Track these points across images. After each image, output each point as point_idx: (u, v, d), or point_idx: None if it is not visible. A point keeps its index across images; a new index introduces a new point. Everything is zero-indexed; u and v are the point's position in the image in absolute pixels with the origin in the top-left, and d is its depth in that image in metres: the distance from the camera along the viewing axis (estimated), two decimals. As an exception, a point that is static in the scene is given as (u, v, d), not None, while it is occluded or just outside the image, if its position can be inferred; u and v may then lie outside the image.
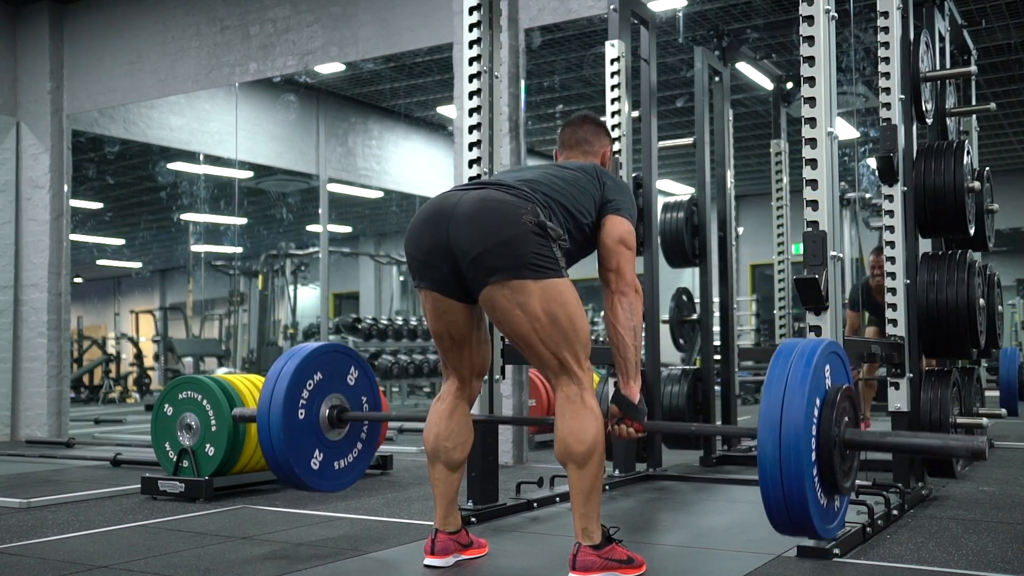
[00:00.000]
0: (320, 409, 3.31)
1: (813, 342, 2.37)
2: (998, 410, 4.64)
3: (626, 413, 2.76)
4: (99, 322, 18.47)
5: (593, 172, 2.83)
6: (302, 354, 3.27)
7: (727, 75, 5.98)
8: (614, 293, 2.72)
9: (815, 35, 3.22)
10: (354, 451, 3.43)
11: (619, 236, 2.74)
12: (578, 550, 2.59)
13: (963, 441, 2.31)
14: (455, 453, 2.88)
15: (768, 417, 2.24)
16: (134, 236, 15.64)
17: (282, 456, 3.16)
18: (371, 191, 11.80)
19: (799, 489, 2.21)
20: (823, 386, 2.33)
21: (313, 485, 3.28)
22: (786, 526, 2.30)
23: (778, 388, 2.27)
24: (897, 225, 4.03)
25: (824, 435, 2.29)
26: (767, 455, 2.23)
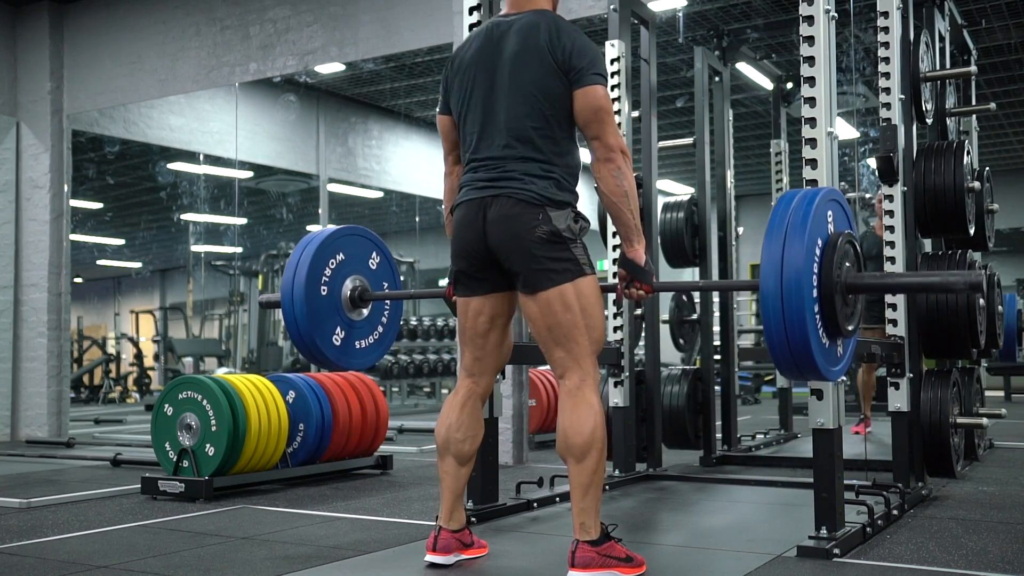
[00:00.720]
0: (342, 288, 3.36)
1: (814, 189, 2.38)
2: (998, 410, 4.63)
3: (633, 275, 2.77)
4: (99, 322, 18.48)
5: (546, 48, 2.69)
6: (324, 234, 3.34)
7: (727, 75, 5.98)
8: (600, 161, 2.69)
9: (815, 35, 3.22)
10: (375, 332, 3.49)
11: (593, 106, 2.69)
12: (576, 546, 2.60)
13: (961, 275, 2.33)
14: (465, 446, 2.89)
15: (770, 259, 2.25)
16: (134, 236, 15.64)
17: (305, 330, 3.21)
18: (371, 191, 11.81)
19: (801, 329, 2.22)
20: (825, 230, 2.34)
21: (335, 360, 3.33)
22: (791, 367, 2.30)
23: (779, 231, 2.27)
24: (897, 225, 4.03)
25: (826, 277, 2.29)
26: (769, 295, 2.23)
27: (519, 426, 5.66)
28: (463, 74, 2.86)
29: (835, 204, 2.43)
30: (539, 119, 2.72)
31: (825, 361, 2.30)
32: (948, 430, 4.09)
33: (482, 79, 2.81)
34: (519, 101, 2.74)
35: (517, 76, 2.75)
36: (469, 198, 2.78)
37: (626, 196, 2.68)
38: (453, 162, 2.99)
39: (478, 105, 2.81)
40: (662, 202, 5.43)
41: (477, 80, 2.82)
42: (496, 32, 2.83)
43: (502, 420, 5.35)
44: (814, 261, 2.26)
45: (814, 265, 2.26)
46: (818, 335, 2.26)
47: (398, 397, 11.71)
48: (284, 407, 4.74)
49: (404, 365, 10.89)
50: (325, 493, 4.54)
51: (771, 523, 3.75)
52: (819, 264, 2.28)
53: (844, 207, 2.51)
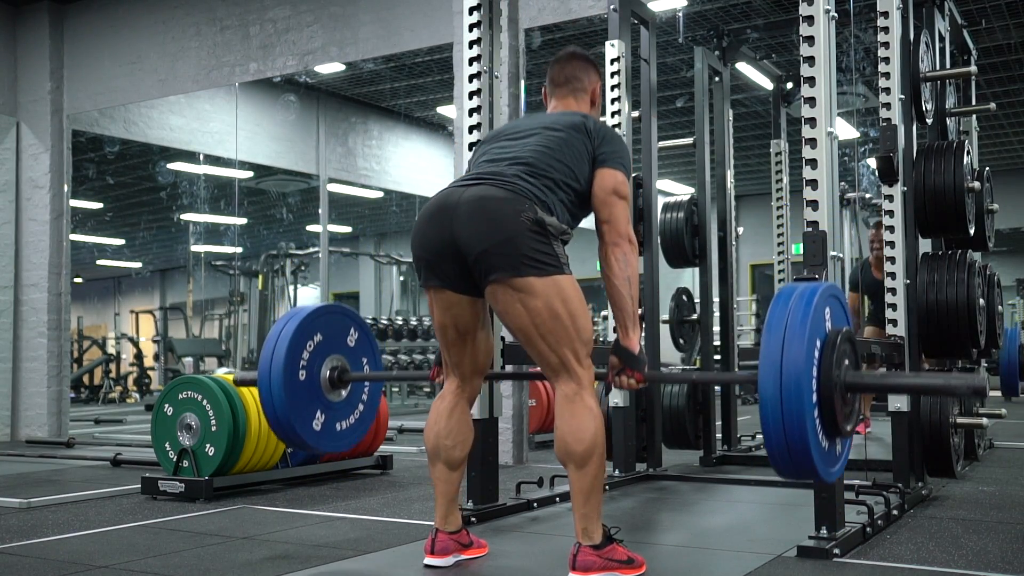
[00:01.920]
0: (321, 370, 3.29)
1: (812, 284, 2.38)
2: (998, 410, 4.63)
3: (626, 363, 2.74)
4: (99, 322, 18.48)
5: (582, 128, 2.80)
6: (301, 315, 3.26)
7: (727, 75, 5.98)
8: (607, 244, 2.70)
9: (815, 35, 3.22)
10: (355, 413, 3.42)
11: (611, 187, 2.73)
12: (578, 550, 2.59)
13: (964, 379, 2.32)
14: (455, 452, 2.88)
15: (769, 359, 2.24)
16: (134, 236, 15.64)
17: (284, 417, 3.14)
18: (371, 191, 11.80)
19: (800, 431, 2.21)
20: (823, 328, 2.33)
21: (315, 445, 3.27)
22: (789, 469, 2.30)
23: (778, 330, 2.26)
24: (897, 225, 4.03)
25: (825, 377, 2.28)
26: (768, 397, 2.23)
27: (519, 426, 5.66)
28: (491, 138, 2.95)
29: (833, 300, 2.42)
30: (555, 171, 2.71)
31: (824, 463, 2.30)
32: (948, 430, 4.09)
33: (505, 132, 2.89)
34: (542, 148, 2.75)
35: (549, 131, 2.80)
36: (443, 189, 2.76)
37: (628, 283, 2.68)
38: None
39: (494, 148, 2.84)
40: (662, 202, 5.43)
41: (500, 134, 2.91)
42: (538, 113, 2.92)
43: (502, 420, 5.35)
44: (813, 364, 2.25)
45: (813, 368, 2.25)
46: (817, 438, 2.26)
47: (398, 397, 11.71)
48: (284, 407, 4.73)
49: (404, 365, 10.89)
50: (325, 493, 4.54)
51: (771, 523, 3.75)
52: (818, 365, 2.27)
53: (842, 302, 2.51)
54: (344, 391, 3.35)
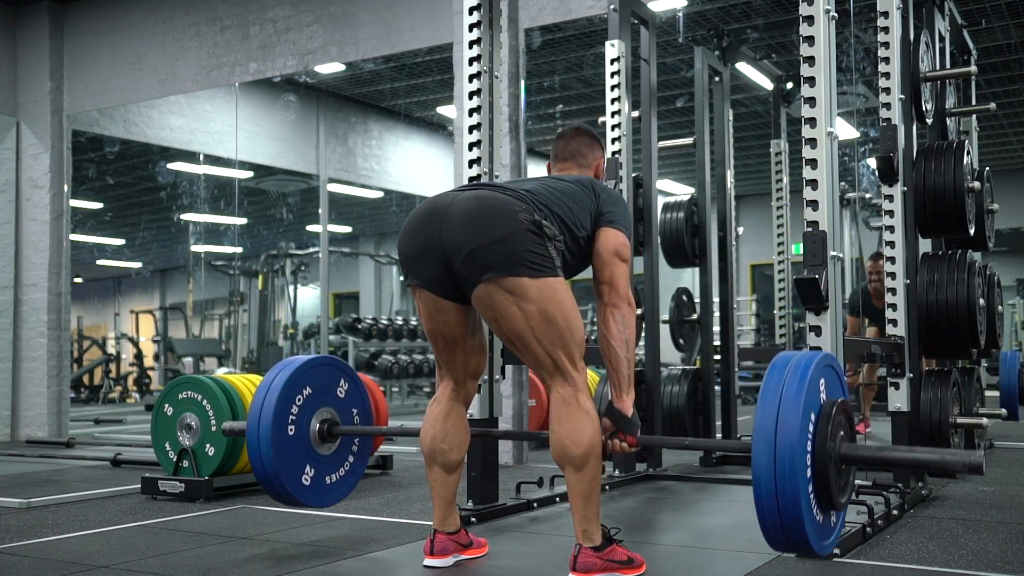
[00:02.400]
0: (310, 424, 3.25)
1: (808, 355, 2.36)
2: (998, 410, 4.63)
3: (619, 427, 2.71)
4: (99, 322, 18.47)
5: (588, 185, 2.83)
6: (291, 368, 3.22)
7: (727, 75, 5.98)
8: (607, 305, 2.71)
9: (815, 35, 3.22)
10: (345, 465, 3.38)
11: (613, 248, 2.74)
12: (579, 551, 2.59)
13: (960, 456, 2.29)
14: (451, 455, 2.88)
15: (763, 433, 2.23)
16: (134, 236, 15.64)
17: (272, 473, 3.11)
18: (371, 191, 11.80)
19: (795, 506, 2.19)
20: (818, 400, 2.31)
21: (304, 501, 3.23)
22: (782, 543, 2.29)
23: (772, 403, 2.25)
24: (897, 225, 4.03)
25: (820, 450, 2.27)
26: (762, 472, 2.21)
27: (519, 426, 5.66)
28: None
29: (829, 370, 2.40)
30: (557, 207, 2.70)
31: (818, 537, 2.29)
32: (948, 430, 4.09)
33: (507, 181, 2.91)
34: (545, 188, 2.76)
35: (554, 180, 2.83)
36: (437, 195, 2.76)
37: (625, 344, 2.68)
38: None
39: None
40: (662, 202, 5.43)
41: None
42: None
43: (502, 420, 5.34)
44: (808, 438, 2.24)
45: (808, 442, 2.24)
46: (812, 513, 2.25)
47: (398, 397, 11.71)
48: (284, 407, 4.73)
49: (404, 365, 10.89)
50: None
51: (771, 523, 3.75)
52: (812, 439, 2.26)
53: (838, 371, 2.49)
54: (333, 444, 3.32)
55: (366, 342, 11.12)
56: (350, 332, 11.07)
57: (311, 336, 12.52)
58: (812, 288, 3.13)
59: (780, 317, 7.66)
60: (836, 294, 3.21)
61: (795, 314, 7.69)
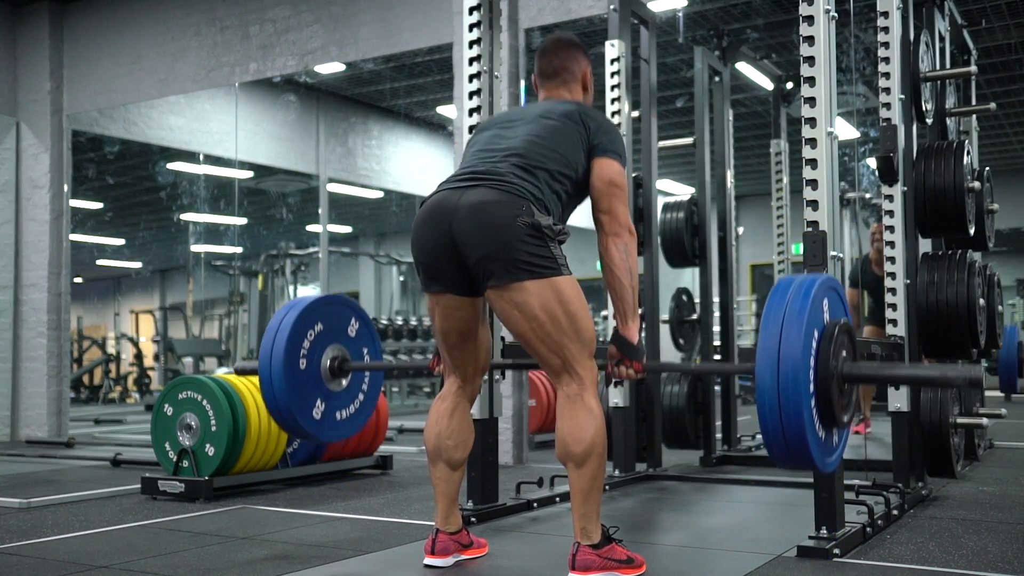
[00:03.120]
0: (321, 360, 3.30)
1: (810, 276, 2.38)
2: (998, 410, 4.63)
3: (625, 353, 2.73)
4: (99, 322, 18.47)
5: (577, 117, 2.78)
6: (302, 305, 3.27)
7: (727, 75, 5.98)
8: (608, 235, 2.69)
9: (815, 35, 3.22)
10: (355, 402, 3.43)
11: (609, 178, 2.72)
12: (577, 549, 2.59)
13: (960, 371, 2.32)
14: (456, 452, 2.88)
15: (766, 350, 2.25)
16: (134, 236, 15.63)
17: (284, 406, 3.16)
18: (371, 191, 11.80)
19: (797, 421, 2.22)
20: (821, 320, 2.34)
21: (315, 434, 3.28)
22: (785, 459, 2.30)
23: (775, 321, 2.27)
24: (897, 225, 4.03)
25: (822, 368, 2.29)
26: (765, 388, 2.23)
27: (519, 426, 5.66)
28: (482, 129, 2.91)
29: (831, 292, 2.42)
30: (550, 160, 2.70)
31: (821, 453, 2.30)
32: (948, 430, 4.09)
33: (499, 121, 2.85)
34: (535, 136, 2.73)
35: (540, 121, 2.78)
36: (441, 190, 2.75)
37: (629, 273, 2.68)
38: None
39: (485, 140, 2.82)
40: (662, 202, 5.43)
41: (494, 123, 2.87)
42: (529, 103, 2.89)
43: (502, 420, 5.35)
44: (811, 355, 2.26)
45: (811, 359, 2.26)
46: (814, 428, 2.26)
47: (398, 397, 11.70)
48: (284, 407, 4.73)
49: (404, 365, 10.87)
50: (325, 493, 4.54)
51: (771, 523, 3.75)
52: (815, 356, 2.28)
53: (840, 294, 2.51)
54: (344, 380, 3.38)
55: (366, 342, 11.10)
56: (350, 332, 11.05)
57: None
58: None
59: (780, 317, 7.64)
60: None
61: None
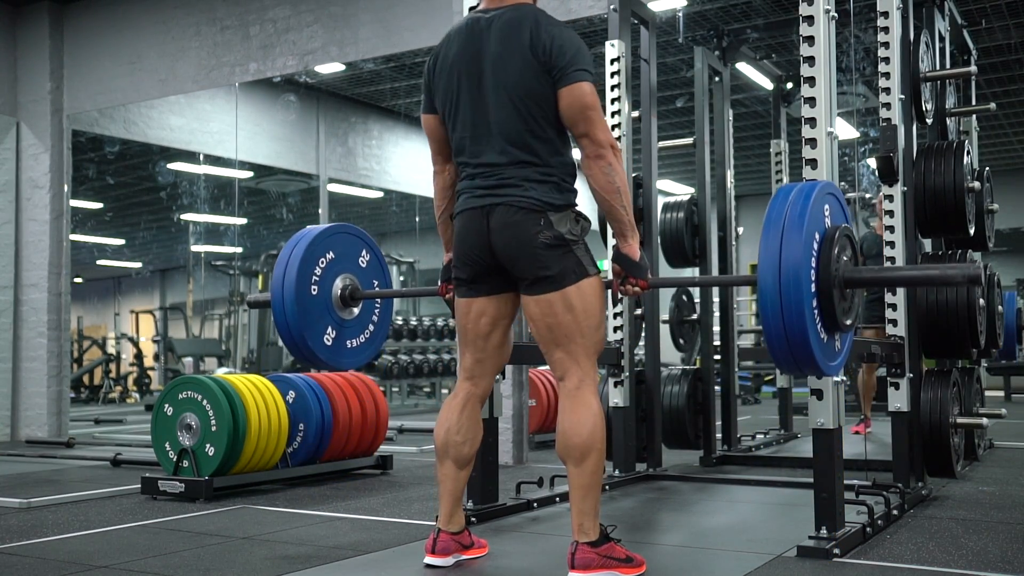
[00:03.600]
0: (332, 287, 3.34)
1: (811, 183, 2.39)
2: (998, 410, 4.63)
3: (628, 271, 2.75)
4: (99, 322, 18.49)
5: (529, 45, 2.63)
6: (314, 233, 3.32)
7: (727, 75, 5.98)
8: (590, 158, 2.65)
9: (815, 35, 3.22)
10: (366, 331, 3.46)
11: (579, 104, 2.63)
12: (576, 548, 2.60)
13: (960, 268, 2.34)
14: (464, 448, 2.89)
15: (768, 252, 2.26)
16: (134, 236, 15.64)
17: (296, 330, 3.19)
18: (371, 191, 11.81)
19: (800, 323, 2.23)
20: (822, 224, 2.35)
21: (327, 360, 3.32)
22: (789, 362, 2.31)
23: (777, 225, 2.28)
24: (897, 225, 4.03)
25: (824, 271, 2.30)
26: (767, 289, 2.24)
27: (519, 426, 5.66)
28: (447, 75, 2.80)
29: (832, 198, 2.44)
30: (529, 121, 2.68)
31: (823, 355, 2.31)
32: (948, 430, 4.09)
33: (467, 81, 2.76)
34: (507, 103, 2.70)
35: (503, 77, 2.70)
36: (470, 207, 2.76)
37: (618, 192, 2.64)
38: (443, 161, 2.95)
39: (467, 107, 2.77)
40: (662, 202, 5.43)
41: (462, 82, 2.77)
42: (476, 29, 2.76)
43: (502, 420, 5.35)
44: (812, 256, 2.26)
45: (812, 260, 2.26)
46: (816, 330, 2.27)
47: (398, 397, 11.70)
48: (284, 407, 4.74)
49: (404, 365, 10.88)
50: (325, 493, 4.54)
51: (771, 523, 3.75)
52: (816, 259, 2.28)
53: (840, 201, 2.52)
54: (356, 309, 3.42)
55: (366, 342, 11.10)
56: (350, 332, 11.05)
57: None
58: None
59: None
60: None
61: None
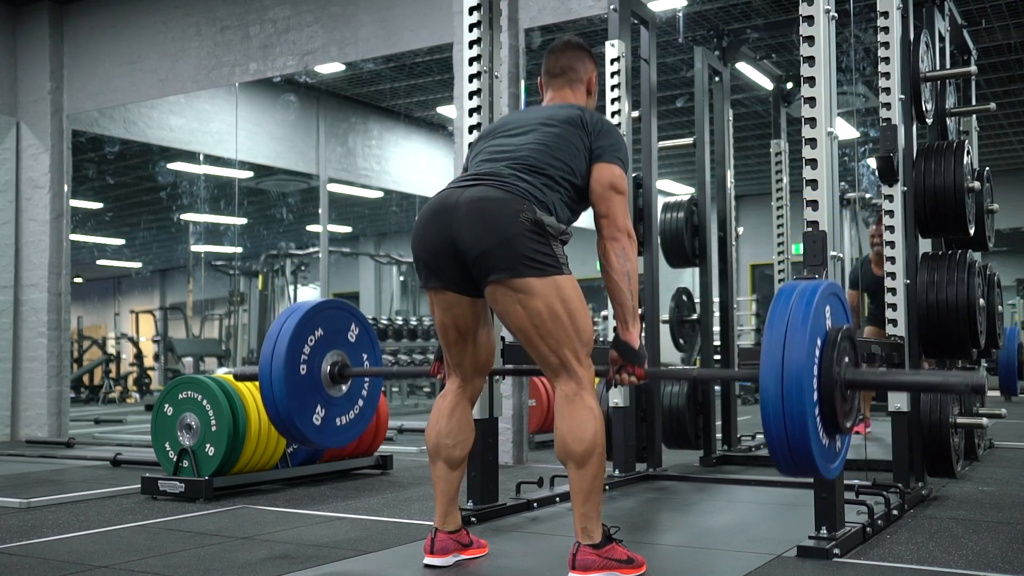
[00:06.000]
0: (321, 365, 3.30)
1: (814, 283, 2.39)
2: (998, 410, 4.63)
3: (627, 359, 2.73)
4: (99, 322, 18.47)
5: (579, 122, 2.79)
6: (303, 311, 3.27)
7: (727, 75, 5.98)
8: (606, 239, 2.69)
9: (815, 35, 3.22)
10: (355, 408, 3.42)
11: (608, 182, 2.72)
12: (577, 549, 2.59)
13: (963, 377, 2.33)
14: (456, 451, 2.88)
15: (770, 357, 2.26)
16: (134, 236, 15.63)
17: (284, 411, 3.15)
18: (371, 191, 11.80)
19: (802, 429, 2.22)
20: (824, 326, 2.35)
21: (315, 440, 3.28)
22: (789, 466, 2.31)
23: (779, 328, 2.28)
24: (897, 225, 4.03)
25: (825, 374, 2.30)
26: (770, 394, 2.24)
27: (519, 426, 5.66)
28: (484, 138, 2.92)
29: (834, 298, 2.43)
30: (553, 168, 2.71)
31: (824, 460, 2.31)
32: (948, 430, 4.09)
33: (503, 127, 2.85)
34: (539, 144, 2.74)
35: (545, 127, 2.79)
36: (443, 191, 2.76)
37: (627, 277, 2.67)
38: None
39: (498, 140, 2.83)
40: (662, 202, 5.43)
41: (497, 130, 2.87)
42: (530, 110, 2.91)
43: (502, 420, 5.35)
44: (814, 362, 2.27)
45: (814, 366, 2.26)
46: (818, 436, 2.27)
47: (398, 397, 11.70)
48: (284, 407, 4.73)
49: (404, 365, 10.88)
50: (325, 493, 4.54)
51: (771, 523, 3.75)
52: (819, 363, 2.28)
53: (842, 299, 2.52)
54: (344, 386, 3.37)
55: (366, 342, 11.10)
56: (350, 332, 11.05)
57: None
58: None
59: (780, 317, 7.64)
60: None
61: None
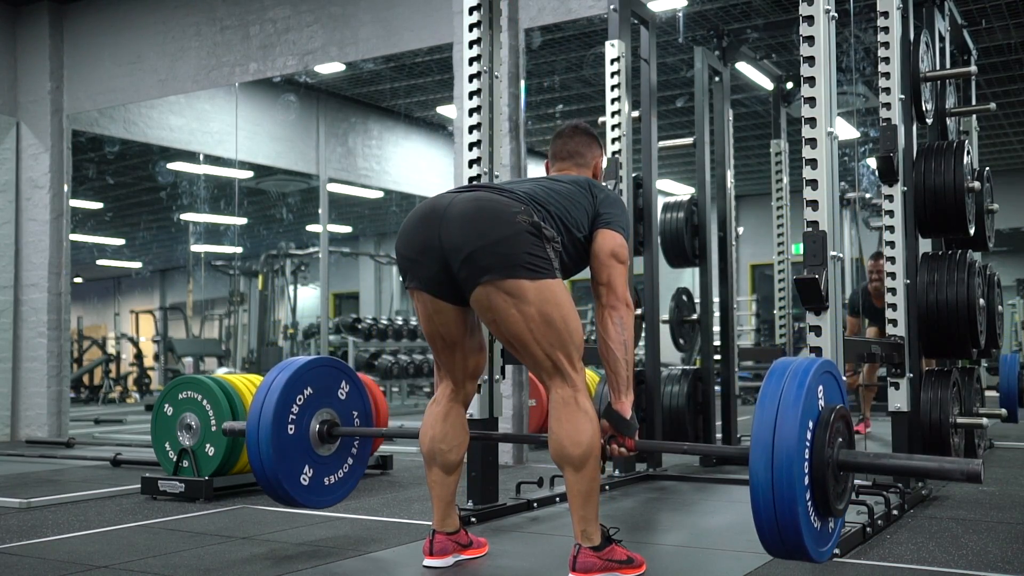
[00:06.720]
0: (310, 424, 3.24)
1: (807, 362, 2.34)
2: (998, 410, 4.63)
3: (617, 429, 2.71)
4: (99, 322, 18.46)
5: (586, 185, 2.83)
6: (292, 368, 3.21)
7: (727, 75, 5.98)
8: (605, 307, 2.70)
9: (815, 35, 3.22)
10: (344, 466, 3.36)
11: (610, 250, 2.73)
12: (578, 551, 2.59)
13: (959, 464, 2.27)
14: (450, 455, 2.88)
15: (760, 440, 2.22)
16: (134, 236, 15.63)
17: (271, 473, 3.10)
18: (371, 191, 11.80)
19: (792, 513, 2.18)
20: (816, 407, 2.30)
21: (303, 501, 3.22)
22: (779, 550, 2.28)
23: (770, 410, 2.24)
24: (897, 225, 4.03)
25: (817, 457, 2.25)
26: (759, 478, 2.20)
27: (519, 426, 5.66)
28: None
29: (828, 376, 2.39)
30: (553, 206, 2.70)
31: (815, 544, 2.27)
32: (948, 430, 4.09)
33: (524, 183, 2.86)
34: (541, 188, 2.75)
35: (551, 181, 2.81)
36: (433, 196, 2.75)
37: (623, 346, 2.67)
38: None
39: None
40: (662, 202, 5.43)
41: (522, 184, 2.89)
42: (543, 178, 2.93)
43: (502, 420, 5.34)
44: (805, 446, 2.23)
45: (805, 449, 2.23)
46: (809, 520, 2.23)
47: (398, 397, 11.70)
48: (284, 407, 4.73)
49: (404, 365, 10.88)
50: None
51: (771, 523, 3.75)
52: (810, 446, 2.25)
53: (836, 377, 2.47)
54: (333, 445, 3.31)
55: (366, 342, 11.12)
56: (350, 332, 11.07)
57: (311, 336, 12.51)
58: (812, 288, 3.12)
59: (780, 317, 7.66)
60: (836, 294, 3.21)
61: (795, 314, 7.69)
